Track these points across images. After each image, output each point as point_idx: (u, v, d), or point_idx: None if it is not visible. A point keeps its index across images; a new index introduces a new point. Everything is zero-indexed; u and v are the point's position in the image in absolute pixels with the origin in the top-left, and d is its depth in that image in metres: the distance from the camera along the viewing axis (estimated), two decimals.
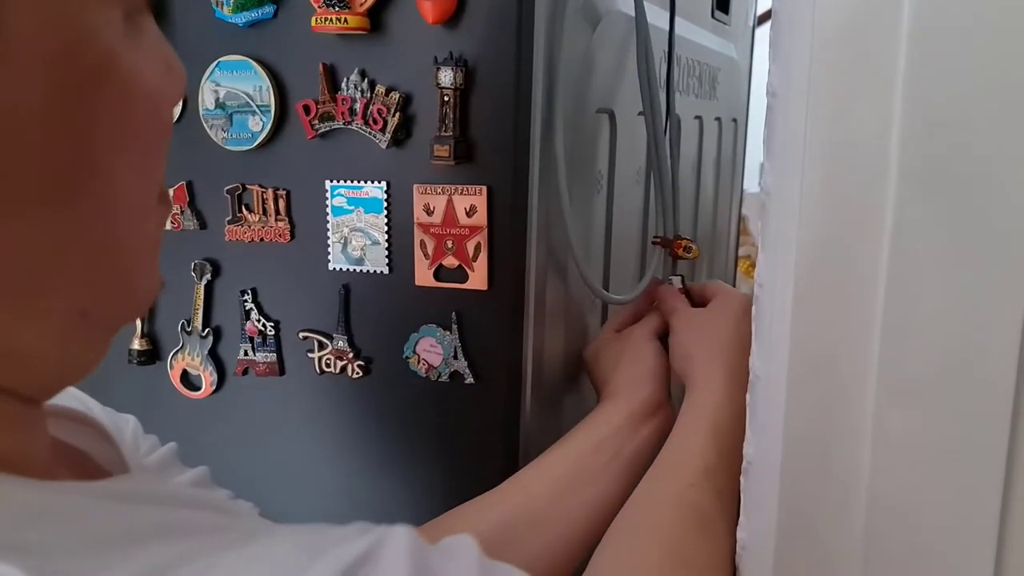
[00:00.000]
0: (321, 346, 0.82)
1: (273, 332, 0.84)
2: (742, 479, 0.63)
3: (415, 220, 0.77)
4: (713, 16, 1.31)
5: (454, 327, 0.77)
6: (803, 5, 0.53)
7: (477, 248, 0.75)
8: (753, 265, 2.00)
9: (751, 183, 1.85)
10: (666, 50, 0.99)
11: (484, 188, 0.74)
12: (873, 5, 0.50)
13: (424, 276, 0.77)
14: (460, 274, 0.76)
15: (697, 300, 0.84)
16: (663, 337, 0.81)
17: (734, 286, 1.77)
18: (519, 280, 0.76)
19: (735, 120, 1.50)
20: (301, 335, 0.83)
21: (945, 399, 0.51)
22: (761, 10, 1.64)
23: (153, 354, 0.88)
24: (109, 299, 0.36)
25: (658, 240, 0.94)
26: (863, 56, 0.51)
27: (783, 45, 0.56)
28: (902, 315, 0.51)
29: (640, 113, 0.93)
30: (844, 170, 0.53)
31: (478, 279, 0.76)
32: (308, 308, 0.82)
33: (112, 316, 0.36)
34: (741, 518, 0.63)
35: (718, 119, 1.37)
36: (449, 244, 0.76)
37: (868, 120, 0.51)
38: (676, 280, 0.93)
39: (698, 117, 1.25)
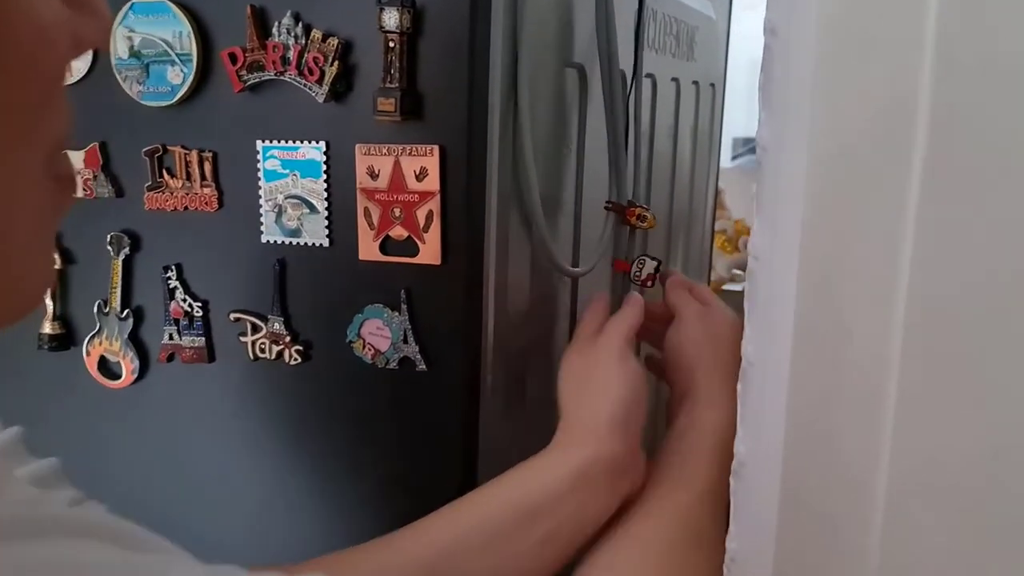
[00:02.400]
0: (255, 329, 0.73)
1: (201, 313, 0.74)
2: (732, 481, 0.55)
3: (358, 185, 0.67)
4: None
5: (403, 307, 0.68)
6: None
7: (429, 217, 0.66)
8: (729, 240, 1.93)
9: (724, 157, 1.77)
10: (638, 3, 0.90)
11: (436, 148, 0.65)
12: None
13: (369, 249, 0.68)
14: (410, 246, 0.67)
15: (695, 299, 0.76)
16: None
17: (710, 262, 1.69)
18: (476, 253, 0.67)
19: (712, 85, 1.42)
20: (232, 316, 0.73)
21: (977, 378, 0.43)
22: None
23: (66, 339, 0.78)
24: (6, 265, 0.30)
25: (610, 205, 0.85)
26: None
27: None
28: (927, 285, 0.43)
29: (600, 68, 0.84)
30: (857, 120, 0.44)
31: (430, 252, 0.66)
32: (239, 286, 0.73)
33: None
34: (731, 527, 0.54)
35: (696, 83, 1.28)
36: (397, 212, 0.67)
37: (889, 62, 0.43)
38: (650, 263, 0.85)
39: (675, 79, 1.16)
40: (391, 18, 0.63)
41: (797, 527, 0.49)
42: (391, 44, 0.63)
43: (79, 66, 0.73)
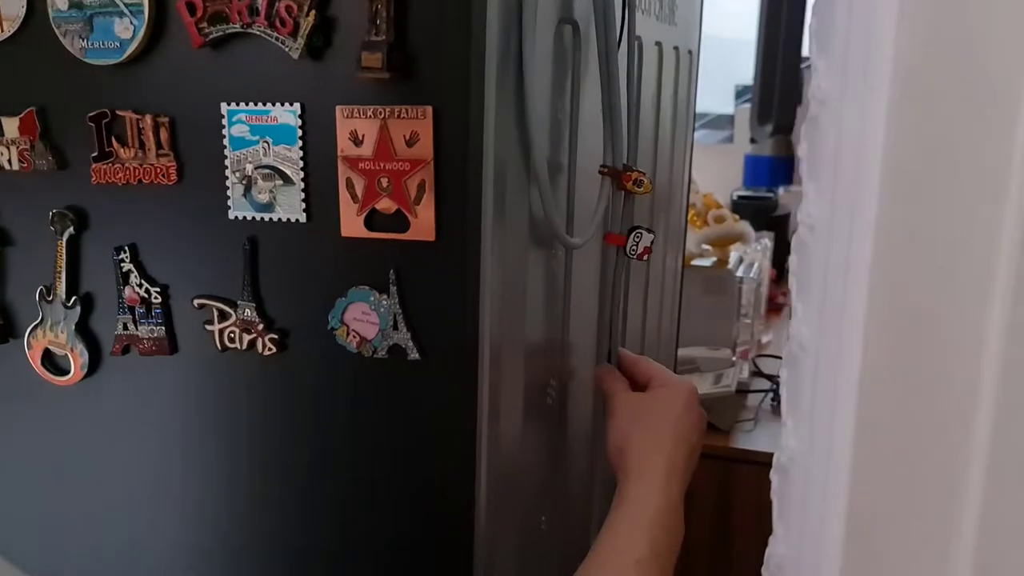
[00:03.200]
0: (222, 316, 0.65)
1: (160, 300, 0.66)
2: (776, 479, 0.49)
3: (339, 153, 0.60)
4: None
5: (392, 289, 0.61)
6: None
7: (421, 187, 0.59)
8: (698, 215, 1.88)
9: None
10: None
11: (428, 110, 0.57)
12: None
13: (352, 225, 0.61)
14: (399, 221, 0.60)
15: (638, 378, 0.77)
16: None
17: (684, 239, 1.64)
18: (474, 227, 0.60)
19: (690, 52, 1.36)
20: (196, 303, 0.65)
21: None
22: None
23: (4, 330, 0.69)
24: None
25: (605, 170, 0.79)
26: None
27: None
28: None
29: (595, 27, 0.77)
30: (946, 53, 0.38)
31: (423, 227, 0.59)
32: (204, 269, 0.65)
33: None
34: (776, 530, 0.49)
35: (676, 48, 1.22)
36: (384, 183, 0.59)
37: None
38: (647, 236, 0.79)
39: (658, 43, 1.10)
40: None
41: (864, 535, 0.43)
42: None
43: (10, 19, 0.64)
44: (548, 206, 0.66)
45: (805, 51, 2.97)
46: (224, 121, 0.61)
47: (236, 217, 0.63)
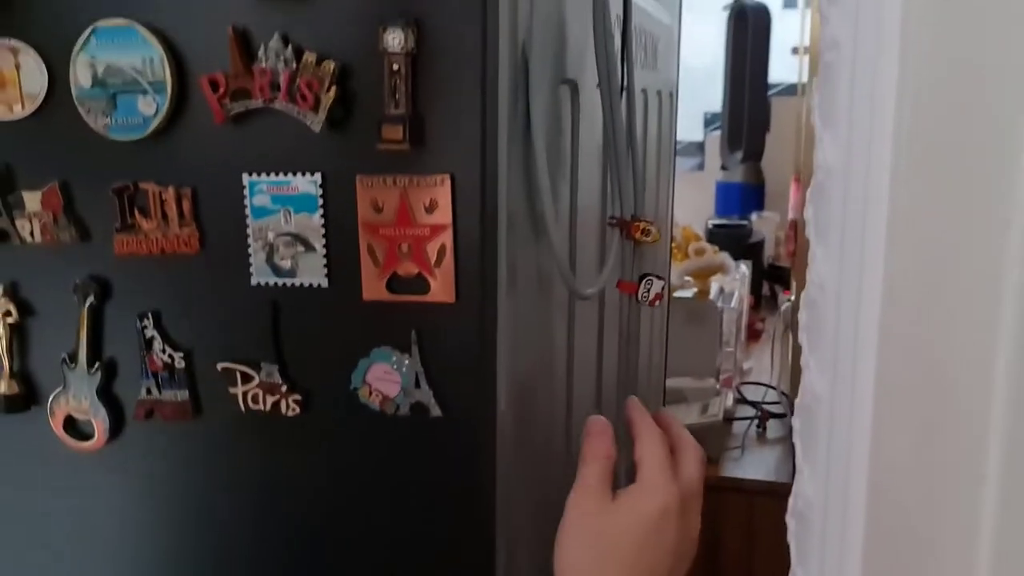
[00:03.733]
0: (246, 379, 0.66)
1: (183, 364, 0.68)
2: (792, 523, 0.52)
3: (360, 220, 0.62)
4: None
5: (414, 348, 0.63)
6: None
7: (441, 251, 0.61)
8: (678, 248, 1.92)
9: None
10: (621, 15, 0.87)
11: (447, 177, 0.60)
12: None
13: (374, 288, 0.63)
14: (420, 284, 0.62)
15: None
16: None
17: (668, 275, 1.67)
18: (491, 287, 0.62)
19: (671, 94, 1.40)
20: (220, 367, 0.67)
21: None
22: None
23: (26, 398, 0.71)
24: None
25: (614, 221, 0.82)
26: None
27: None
28: None
29: (599, 85, 0.81)
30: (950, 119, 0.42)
31: (443, 289, 0.62)
32: (227, 333, 0.66)
33: None
34: (796, 573, 0.51)
35: (659, 92, 1.26)
36: (404, 248, 0.62)
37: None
38: (657, 283, 0.82)
39: (644, 90, 1.13)
40: (395, 39, 0.58)
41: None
42: (395, 67, 0.59)
43: (31, 96, 0.66)
44: (563, 263, 0.69)
45: (771, 78, 3.05)
46: (246, 191, 0.64)
47: (258, 283, 0.65)
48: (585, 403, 0.91)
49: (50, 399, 0.70)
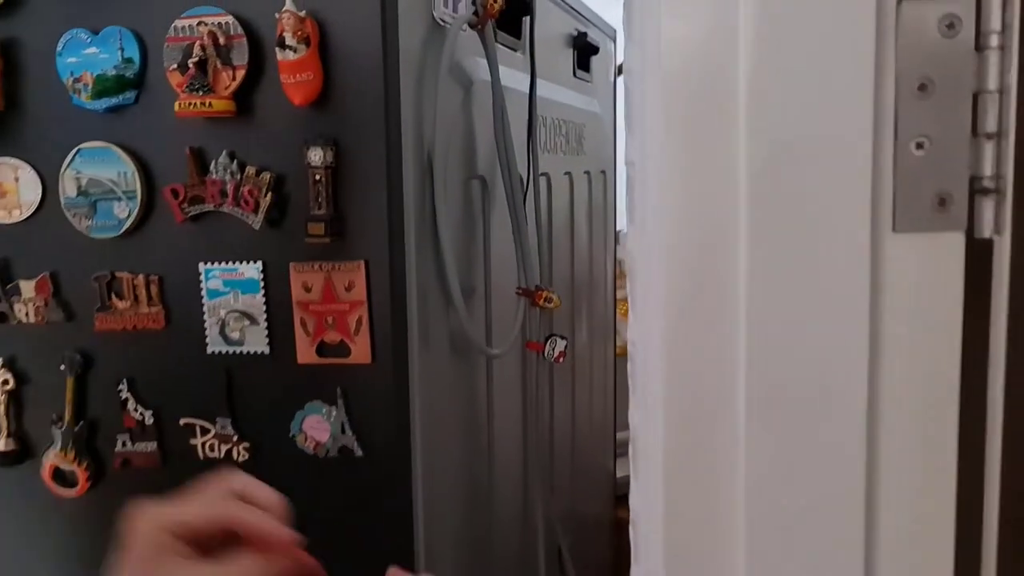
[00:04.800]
0: (203, 431, 0.80)
1: (152, 421, 0.81)
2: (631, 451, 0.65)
3: (294, 299, 0.77)
4: (575, 75, 1.36)
5: (340, 402, 0.77)
6: (652, 85, 0.57)
7: (358, 323, 0.76)
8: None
9: (624, 223, 1.91)
10: (529, 111, 1.03)
11: (361, 263, 0.75)
12: (710, 87, 0.54)
13: (306, 353, 0.77)
14: (343, 349, 0.76)
15: None
16: None
17: (615, 329, 1.82)
18: (401, 350, 0.76)
19: (603, 172, 1.56)
20: (182, 422, 0.81)
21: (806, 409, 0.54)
22: (620, 61, 1.71)
23: (22, 454, 0.84)
24: None
25: (520, 291, 0.97)
26: (705, 122, 0.55)
27: (636, 118, 0.60)
28: (762, 337, 0.55)
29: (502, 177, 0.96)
30: (699, 226, 0.56)
31: (360, 353, 0.76)
32: (188, 394, 0.80)
33: None
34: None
35: (587, 172, 1.42)
36: (329, 320, 0.76)
37: (716, 184, 0.55)
38: (560, 342, 0.96)
39: (567, 173, 1.29)
40: (316, 155, 0.73)
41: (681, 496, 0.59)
42: (317, 177, 0.74)
43: (28, 204, 0.81)
44: (466, 326, 0.83)
45: None
46: (202, 277, 0.78)
47: (213, 352, 0.79)
48: (512, 442, 1.04)
49: (42, 453, 0.84)
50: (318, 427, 0.78)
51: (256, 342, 0.78)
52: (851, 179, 0.51)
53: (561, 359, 0.96)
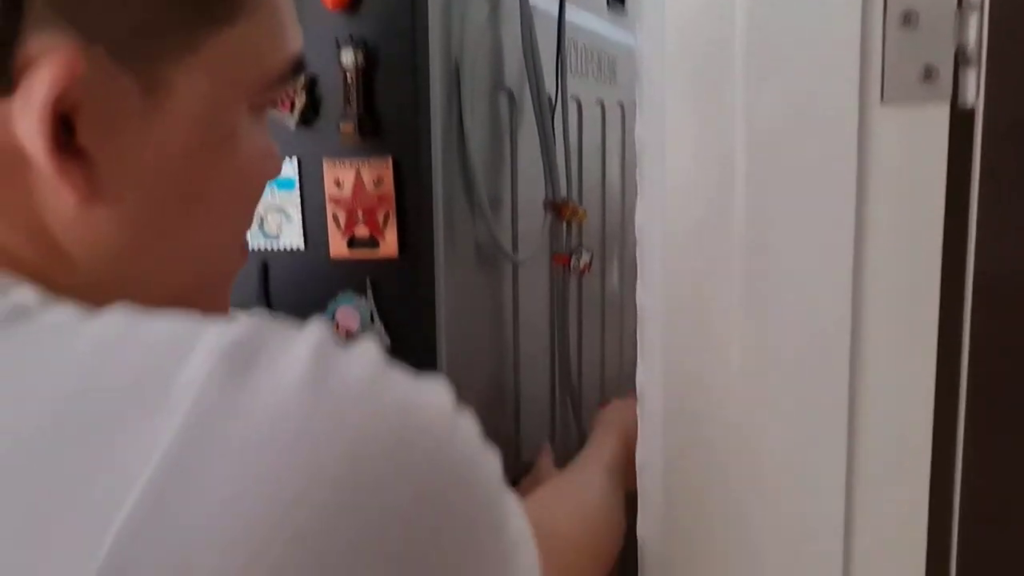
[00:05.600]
0: None
1: None
2: (639, 410, 0.69)
3: (327, 194, 0.81)
4: (609, 8, 1.38)
5: (369, 293, 0.82)
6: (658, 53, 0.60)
7: (386, 217, 0.80)
8: None
9: None
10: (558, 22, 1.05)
11: (389, 159, 0.79)
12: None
13: (338, 247, 0.82)
14: (372, 243, 0.81)
15: None
16: None
17: None
18: (427, 245, 0.81)
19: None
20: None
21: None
22: None
23: None
24: (193, 297, 0.45)
25: (547, 204, 1.00)
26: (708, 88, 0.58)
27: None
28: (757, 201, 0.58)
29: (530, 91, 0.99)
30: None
31: (388, 247, 0.81)
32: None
33: (193, 311, 0.40)
34: (639, 443, 0.69)
35: (621, 103, 1.44)
36: (360, 215, 0.81)
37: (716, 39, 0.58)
38: (586, 255, 0.99)
39: (600, 101, 1.32)
40: (348, 57, 0.77)
41: (680, 448, 0.63)
42: (349, 79, 0.78)
43: None
44: (492, 228, 0.87)
45: None
46: None
47: (252, 247, 0.84)
48: (539, 366, 1.08)
49: None
50: (349, 317, 0.83)
51: (291, 237, 0.83)
52: (840, 53, 0.54)
53: (587, 271, 0.99)
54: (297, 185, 0.82)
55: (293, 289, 0.84)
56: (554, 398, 1.14)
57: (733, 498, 0.61)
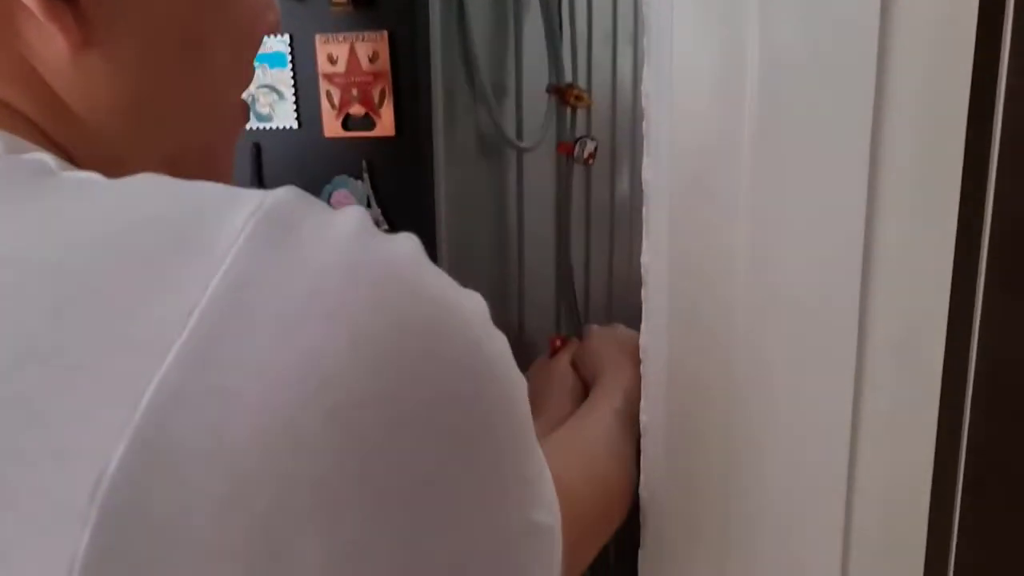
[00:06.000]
0: None
1: None
2: (642, 369, 0.66)
3: (320, 71, 0.77)
4: None
5: (365, 176, 0.79)
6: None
7: (382, 95, 0.76)
8: None
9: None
10: None
11: (385, 33, 0.75)
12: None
13: (332, 127, 0.78)
14: (367, 122, 0.77)
15: None
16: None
17: None
18: (425, 125, 0.77)
19: None
20: None
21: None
22: None
23: None
24: (193, 159, 0.44)
25: (551, 88, 0.96)
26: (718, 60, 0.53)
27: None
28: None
29: None
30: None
31: (385, 126, 0.77)
32: None
33: (192, 176, 0.38)
34: (642, 404, 0.66)
35: None
36: (354, 92, 0.77)
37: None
38: (591, 143, 0.95)
39: None
40: None
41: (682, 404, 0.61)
42: None
43: None
44: (493, 111, 0.83)
45: None
46: None
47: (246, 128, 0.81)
48: (543, 267, 1.05)
49: None
50: (345, 201, 0.79)
51: (284, 117, 0.79)
52: None
53: (591, 161, 0.96)
54: (289, 61, 0.78)
55: (287, 172, 0.81)
56: (559, 303, 1.11)
57: (736, 459, 0.59)
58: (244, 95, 0.51)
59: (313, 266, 0.28)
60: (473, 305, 0.32)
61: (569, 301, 1.06)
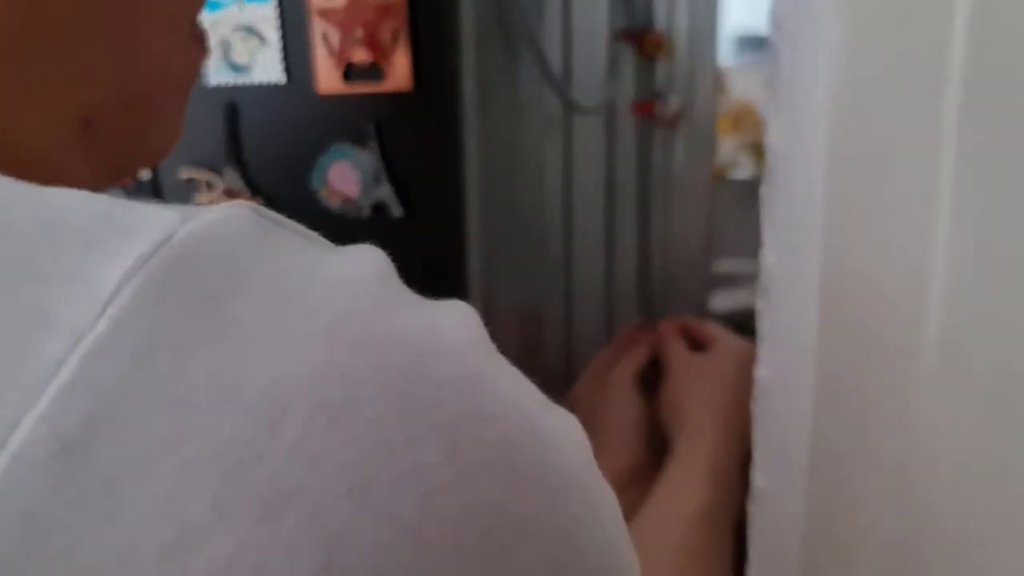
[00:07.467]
0: (209, 187, 0.64)
1: (151, 176, 0.66)
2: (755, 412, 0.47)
3: (313, 7, 0.58)
4: None
5: (373, 143, 0.60)
6: None
7: (395, 35, 0.57)
8: (733, 124, 1.83)
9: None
10: None
11: None
12: None
13: (330, 80, 0.59)
14: (375, 73, 0.58)
15: (696, 341, 0.75)
16: (647, 376, 0.72)
17: (713, 146, 1.60)
18: (452, 75, 0.58)
19: None
20: (185, 176, 0.65)
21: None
22: None
23: None
24: (116, 120, 0.30)
25: (624, 33, 0.76)
26: None
27: None
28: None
29: None
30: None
31: (398, 77, 0.58)
32: (187, 138, 0.64)
33: (117, 144, 0.29)
34: (756, 462, 0.47)
35: None
36: (358, 34, 0.58)
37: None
38: (675, 99, 0.76)
39: None
40: None
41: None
42: None
43: None
44: (545, 58, 0.64)
45: None
46: None
47: (215, 83, 0.62)
48: (592, 222, 0.86)
49: None
50: (346, 177, 0.61)
51: (267, 68, 0.61)
52: None
53: (677, 122, 0.76)
54: None
55: (271, 139, 0.63)
56: (609, 303, 0.92)
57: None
58: (205, 23, 0.33)
59: (258, 405, 0.16)
60: (563, 425, 0.20)
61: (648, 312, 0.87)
